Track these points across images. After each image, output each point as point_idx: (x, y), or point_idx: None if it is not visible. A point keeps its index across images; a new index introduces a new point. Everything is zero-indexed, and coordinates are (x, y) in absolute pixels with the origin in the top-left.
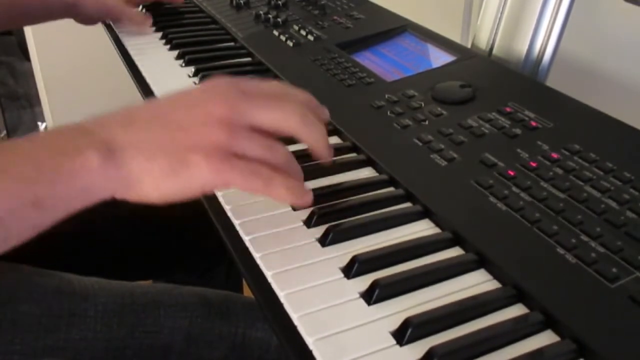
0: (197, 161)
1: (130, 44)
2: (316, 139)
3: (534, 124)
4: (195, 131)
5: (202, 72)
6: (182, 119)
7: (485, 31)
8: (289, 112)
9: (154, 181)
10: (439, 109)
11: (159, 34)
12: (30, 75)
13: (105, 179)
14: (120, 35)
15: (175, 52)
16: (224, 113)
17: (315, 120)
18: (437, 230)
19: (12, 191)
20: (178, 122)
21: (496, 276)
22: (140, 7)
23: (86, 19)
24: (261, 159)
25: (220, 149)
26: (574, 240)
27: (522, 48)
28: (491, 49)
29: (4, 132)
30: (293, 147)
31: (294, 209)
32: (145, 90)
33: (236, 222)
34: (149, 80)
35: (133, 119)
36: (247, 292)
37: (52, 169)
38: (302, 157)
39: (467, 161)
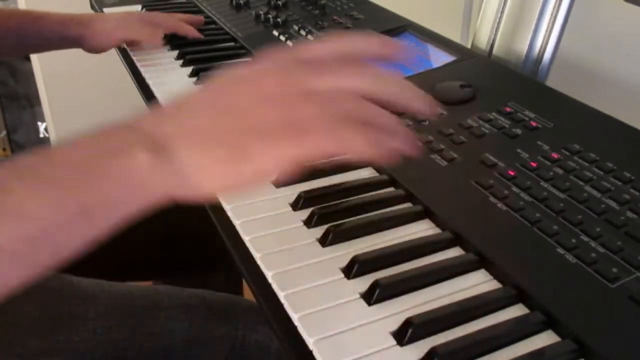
0: (255, 148)
1: None
2: (405, 95)
3: (534, 124)
4: (250, 115)
5: (202, 72)
6: (237, 101)
7: (485, 31)
8: (354, 72)
9: (214, 174)
10: (439, 109)
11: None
12: (30, 75)
13: (157, 177)
14: None
15: (176, 52)
16: (274, 87)
17: (390, 75)
18: (437, 230)
19: (56, 201)
20: (233, 105)
21: (496, 276)
22: None
23: (93, 50)
24: (342, 118)
25: (278, 127)
26: (574, 240)
27: (522, 48)
28: (491, 49)
29: (4, 132)
30: None
31: (294, 209)
32: (145, 90)
33: (236, 222)
34: (148, 80)
35: (182, 109)
36: (247, 293)
37: (98, 173)
38: None
39: (467, 161)
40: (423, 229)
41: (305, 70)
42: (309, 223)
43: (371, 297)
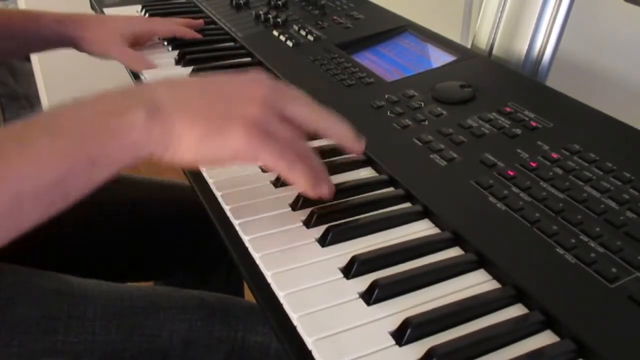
0: (236, 130)
1: None
2: (343, 134)
3: (534, 124)
4: (238, 104)
5: (202, 72)
6: (228, 93)
7: (485, 31)
8: (319, 109)
9: (192, 143)
10: (439, 109)
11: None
12: (30, 75)
13: (148, 135)
14: None
15: (176, 53)
16: (266, 95)
17: (339, 120)
18: (436, 230)
19: (69, 151)
20: (224, 94)
21: (496, 276)
22: None
23: (87, 52)
24: (288, 144)
25: (258, 124)
26: (573, 240)
27: (522, 48)
28: (491, 49)
29: None
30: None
31: (294, 209)
32: None
33: (236, 222)
34: (148, 80)
35: (182, 85)
36: (247, 293)
37: (104, 127)
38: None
39: (467, 161)
40: (422, 229)
41: (287, 94)
42: (308, 223)
43: (370, 297)
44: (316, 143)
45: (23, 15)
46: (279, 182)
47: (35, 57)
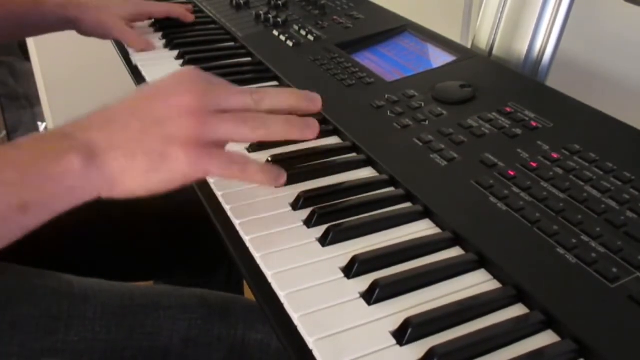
0: (174, 154)
1: None
2: (293, 100)
3: (534, 124)
4: (169, 124)
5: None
6: (156, 113)
7: (485, 31)
8: (254, 91)
9: (136, 178)
10: (439, 109)
11: (159, 34)
12: (30, 75)
13: (88, 181)
14: None
15: (176, 52)
16: (193, 102)
17: (279, 91)
18: (437, 230)
19: (1, 198)
20: (152, 117)
21: (496, 276)
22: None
23: (87, 34)
24: (236, 133)
25: (195, 138)
26: (574, 240)
27: (522, 48)
28: (491, 49)
29: (4, 132)
30: (293, 147)
31: (294, 209)
32: None
33: (236, 222)
34: (148, 80)
35: (110, 119)
36: (248, 293)
37: (37, 173)
38: (302, 157)
39: (467, 161)
40: (423, 229)
41: (217, 91)
42: (309, 223)
43: (371, 296)
44: (312, 145)
45: None
46: None
47: (35, 57)
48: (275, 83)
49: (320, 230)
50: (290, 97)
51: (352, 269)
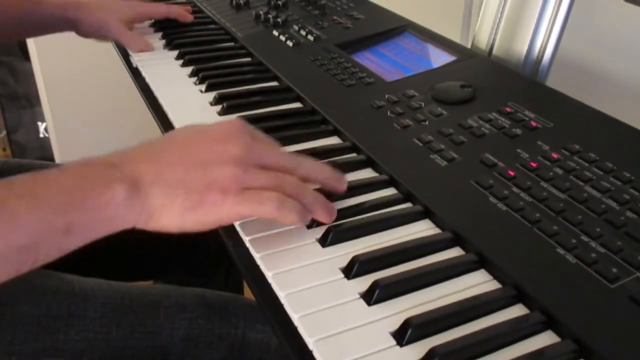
0: (214, 199)
1: None
2: (324, 176)
3: (534, 124)
4: (213, 169)
5: (202, 72)
6: (202, 155)
7: (485, 31)
8: (294, 156)
9: (174, 215)
10: (439, 109)
11: (159, 34)
12: (30, 75)
13: (128, 211)
14: None
15: (175, 52)
16: (238, 152)
17: (316, 164)
18: (437, 230)
19: (46, 218)
20: (198, 159)
21: (496, 276)
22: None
23: (86, 35)
24: (273, 187)
25: (235, 184)
26: (574, 241)
27: (522, 48)
28: (491, 49)
29: (4, 132)
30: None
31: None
32: (145, 91)
33: (236, 223)
34: (148, 80)
35: (158, 157)
36: (247, 293)
37: (83, 199)
38: None
39: (467, 161)
40: (423, 229)
41: (261, 147)
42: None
43: (371, 297)
44: (312, 145)
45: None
46: None
47: (35, 57)
48: (275, 83)
49: (320, 230)
50: (323, 173)
51: (352, 269)
